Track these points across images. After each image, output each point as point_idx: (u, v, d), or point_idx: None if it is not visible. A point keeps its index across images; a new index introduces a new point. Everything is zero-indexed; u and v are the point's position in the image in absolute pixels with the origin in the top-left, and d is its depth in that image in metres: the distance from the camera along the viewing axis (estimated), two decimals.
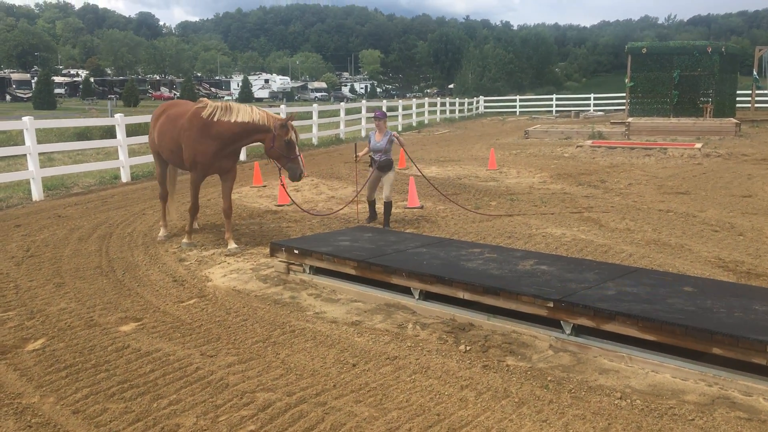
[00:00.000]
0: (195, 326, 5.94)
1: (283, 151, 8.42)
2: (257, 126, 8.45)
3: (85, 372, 4.98)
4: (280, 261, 7.54)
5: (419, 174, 11.87)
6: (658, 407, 4.31)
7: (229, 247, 8.69)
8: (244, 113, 8.48)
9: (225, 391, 4.61)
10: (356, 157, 10.13)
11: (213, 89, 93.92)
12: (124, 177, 15.39)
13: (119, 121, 15.51)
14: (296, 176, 8.46)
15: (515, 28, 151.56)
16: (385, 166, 9.86)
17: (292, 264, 7.44)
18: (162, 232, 9.50)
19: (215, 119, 8.44)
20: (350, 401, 4.44)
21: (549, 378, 4.80)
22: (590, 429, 4.04)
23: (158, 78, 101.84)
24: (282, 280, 7.32)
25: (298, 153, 8.49)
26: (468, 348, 5.37)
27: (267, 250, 8.56)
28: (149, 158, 16.92)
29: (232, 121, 8.40)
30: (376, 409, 4.33)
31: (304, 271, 7.33)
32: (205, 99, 9.20)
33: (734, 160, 17.66)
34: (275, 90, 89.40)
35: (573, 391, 4.59)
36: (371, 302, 6.57)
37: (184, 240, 8.99)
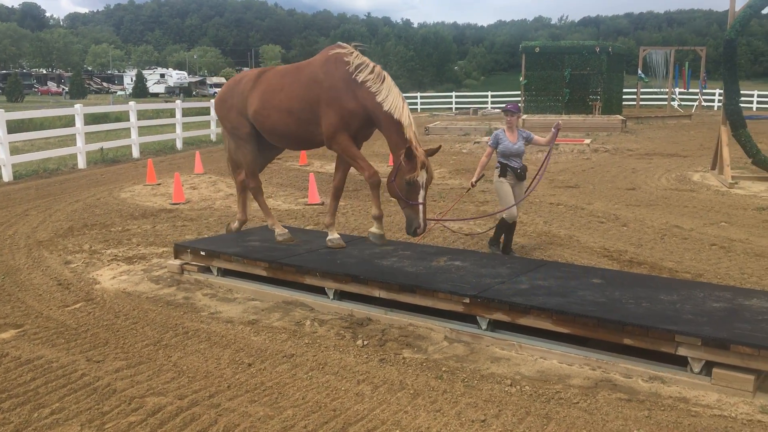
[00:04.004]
0: (81, 331, 5.66)
1: (402, 190, 6.26)
2: (392, 128, 6.38)
3: None
4: (173, 261, 7.30)
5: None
6: (546, 392, 4.48)
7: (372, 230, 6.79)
8: (395, 104, 6.37)
9: (112, 397, 4.43)
10: (473, 183, 8.26)
11: (105, 84, 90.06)
12: (6, 176, 14.47)
13: None
14: (410, 229, 6.28)
15: (416, 26, 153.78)
16: (524, 175, 7.93)
17: (187, 264, 7.22)
18: (236, 224, 7.91)
19: (359, 79, 6.48)
20: (245, 401, 4.37)
21: (443, 368, 4.88)
22: (482, 416, 4.15)
23: (45, 72, 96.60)
24: (176, 280, 7.10)
25: (421, 200, 6.25)
26: (365, 343, 5.39)
27: (160, 251, 8.30)
28: (34, 156, 16.05)
29: (378, 100, 6.38)
30: (272, 408, 4.28)
31: (201, 271, 7.13)
32: (343, 45, 6.93)
33: (620, 155, 18.59)
34: (172, 85, 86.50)
35: (466, 380, 4.69)
36: (269, 300, 6.47)
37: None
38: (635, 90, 36.82)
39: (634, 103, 36.79)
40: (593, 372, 4.79)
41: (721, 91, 14.33)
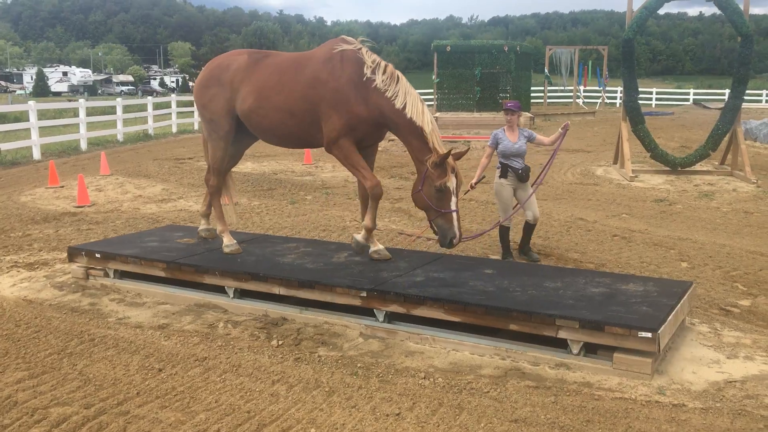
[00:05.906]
0: None
1: (432, 199, 5.95)
2: (413, 134, 6.03)
3: None
4: (78, 266, 7.03)
5: None
6: (458, 383, 4.58)
7: (374, 248, 6.48)
8: (415, 109, 5.98)
9: (13, 410, 4.23)
10: (473, 185, 7.75)
11: (3, 82, 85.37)
12: None
13: None
14: (445, 241, 5.95)
15: (329, 24, 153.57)
16: (527, 176, 7.86)
17: (92, 269, 6.96)
18: (203, 225, 7.40)
19: (374, 83, 6.03)
20: (155, 407, 4.26)
21: (359, 365, 4.92)
22: (396, 410, 4.20)
23: None
24: (81, 286, 6.84)
25: (454, 207, 5.94)
26: (280, 342, 5.36)
27: (63, 256, 7.97)
28: None
29: (397, 106, 5.97)
30: (183, 413, 4.19)
31: (106, 275, 6.89)
32: (349, 39, 6.38)
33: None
34: (75, 83, 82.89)
35: (381, 375, 4.74)
36: (180, 303, 6.33)
37: (359, 237, 6.46)
38: (543, 88, 38.01)
39: (542, 100, 37.98)
40: (503, 361, 4.93)
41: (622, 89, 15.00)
